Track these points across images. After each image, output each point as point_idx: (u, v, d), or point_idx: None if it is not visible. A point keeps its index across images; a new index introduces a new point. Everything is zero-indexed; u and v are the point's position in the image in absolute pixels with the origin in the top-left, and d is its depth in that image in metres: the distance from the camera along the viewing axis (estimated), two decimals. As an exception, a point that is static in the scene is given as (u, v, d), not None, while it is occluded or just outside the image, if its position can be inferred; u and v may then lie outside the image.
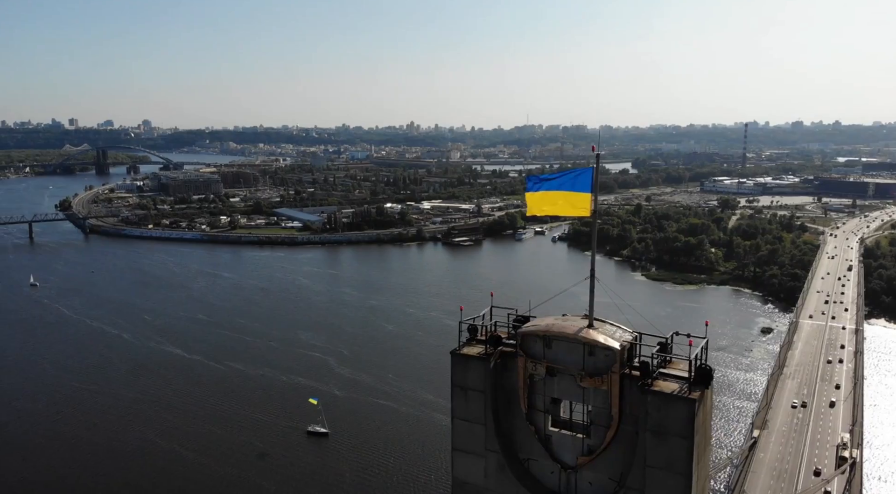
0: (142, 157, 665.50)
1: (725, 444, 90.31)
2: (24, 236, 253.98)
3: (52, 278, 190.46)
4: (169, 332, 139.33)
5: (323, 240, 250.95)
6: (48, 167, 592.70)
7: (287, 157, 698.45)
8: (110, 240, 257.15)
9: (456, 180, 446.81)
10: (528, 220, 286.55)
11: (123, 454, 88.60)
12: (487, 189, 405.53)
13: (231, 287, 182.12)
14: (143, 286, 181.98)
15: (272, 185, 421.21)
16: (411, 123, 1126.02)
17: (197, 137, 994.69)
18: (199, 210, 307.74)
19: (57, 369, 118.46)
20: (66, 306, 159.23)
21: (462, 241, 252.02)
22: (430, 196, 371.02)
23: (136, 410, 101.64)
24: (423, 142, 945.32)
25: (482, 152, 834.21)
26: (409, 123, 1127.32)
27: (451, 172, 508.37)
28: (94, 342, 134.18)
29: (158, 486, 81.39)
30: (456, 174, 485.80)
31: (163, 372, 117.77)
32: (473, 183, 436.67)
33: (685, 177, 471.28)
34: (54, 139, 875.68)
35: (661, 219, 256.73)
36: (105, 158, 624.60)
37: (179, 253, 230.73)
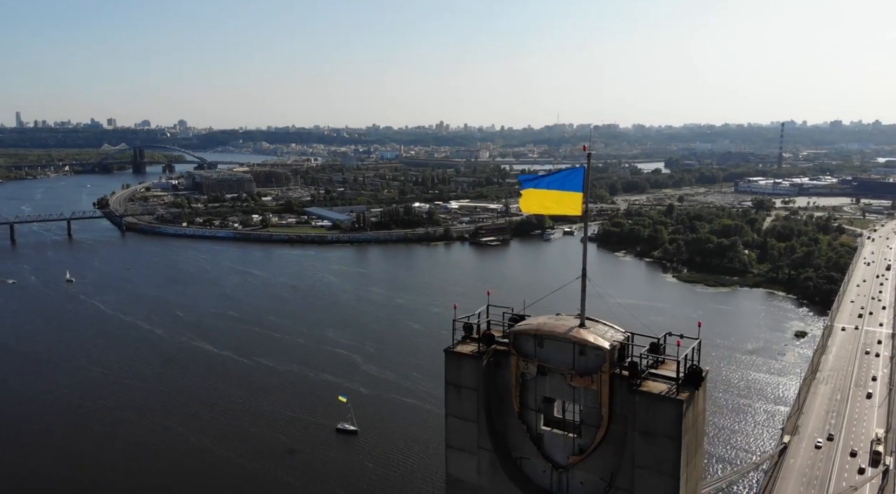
0: (177, 156, 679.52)
1: (753, 448, 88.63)
2: (63, 234, 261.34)
3: (89, 274, 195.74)
4: (200, 328, 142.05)
5: (352, 239, 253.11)
6: (87, 166, 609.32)
7: (318, 157, 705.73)
8: (146, 237, 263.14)
9: (484, 180, 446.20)
10: (556, 220, 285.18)
11: (153, 447, 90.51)
12: (516, 189, 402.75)
13: (261, 285, 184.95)
14: (177, 283, 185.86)
15: (303, 184, 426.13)
16: (440, 123, 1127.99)
17: (231, 136, 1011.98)
18: (232, 209, 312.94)
19: (91, 362, 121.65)
20: (101, 302, 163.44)
21: (489, 241, 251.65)
22: (458, 196, 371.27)
23: (167, 404, 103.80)
24: (452, 142, 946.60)
25: (511, 152, 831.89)
26: (439, 123, 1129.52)
27: (480, 171, 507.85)
28: (128, 337, 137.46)
29: (187, 480, 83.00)
30: (484, 174, 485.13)
31: (193, 367, 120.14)
32: (502, 183, 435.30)
33: (719, 177, 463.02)
34: (93, 139, 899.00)
35: (693, 220, 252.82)
36: (142, 157, 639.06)
37: (212, 251, 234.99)
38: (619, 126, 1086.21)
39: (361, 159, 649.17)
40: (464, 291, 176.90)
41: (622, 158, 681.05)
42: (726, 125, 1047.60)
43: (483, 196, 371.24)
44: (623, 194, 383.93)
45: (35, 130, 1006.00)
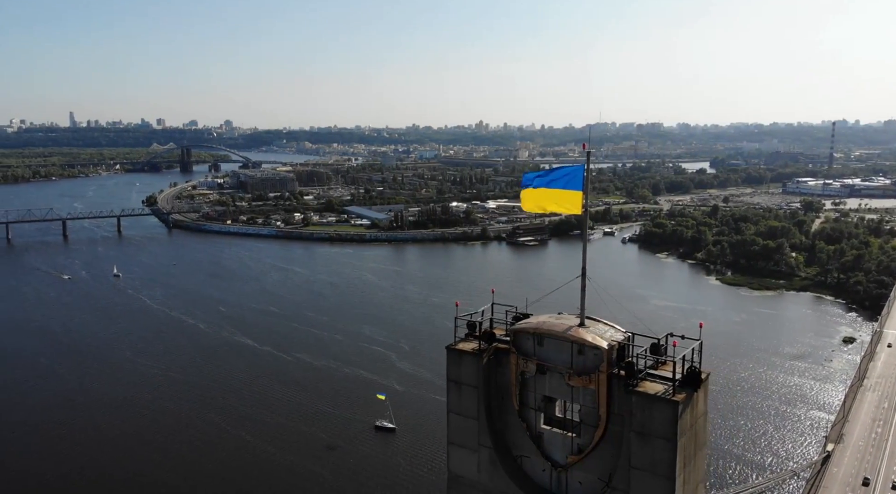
0: (223, 155, 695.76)
1: (793, 456, 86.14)
2: (113, 230, 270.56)
3: (136, 269, 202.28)
4: (242, 323, 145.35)
5: (389, 238, 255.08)
6: (136, 165, 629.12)
7: (359, 156, 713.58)
8: (191, 234, 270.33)
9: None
10: (597, 220, 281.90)
11: (193, 438, 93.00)
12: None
13: (301, 281, 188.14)
14: (220, 279, 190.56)
15: (344, 183, 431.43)
16: (480, 123, 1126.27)
17: (275, 136, 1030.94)
18: (275, 207, 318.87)
19: (136, 354, 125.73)
20: (147, 297, 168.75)
21: (527, 241, 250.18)
22: (495, 195, 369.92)
23: (207, 397, 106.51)
24: (492, 141, 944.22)
25: (551, 151, 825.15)
26: (478, 123, 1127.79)
27: (518, 171, 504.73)
28: (172, 331, 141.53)
29: (226, 471, 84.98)
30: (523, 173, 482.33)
31: (234, 361, 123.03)
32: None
33: (766, 177, 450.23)
34: (143, 138, 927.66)
35: (738, 221, 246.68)
36: (189, 156, 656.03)
37: (255, 248, 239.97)
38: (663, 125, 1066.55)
39: (401, 159, 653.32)
40: (499, 290, 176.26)
41: (666, 157, 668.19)
42: (775, 124, 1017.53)
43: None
44: (666, 195, 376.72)
45: (88, 129, 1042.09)
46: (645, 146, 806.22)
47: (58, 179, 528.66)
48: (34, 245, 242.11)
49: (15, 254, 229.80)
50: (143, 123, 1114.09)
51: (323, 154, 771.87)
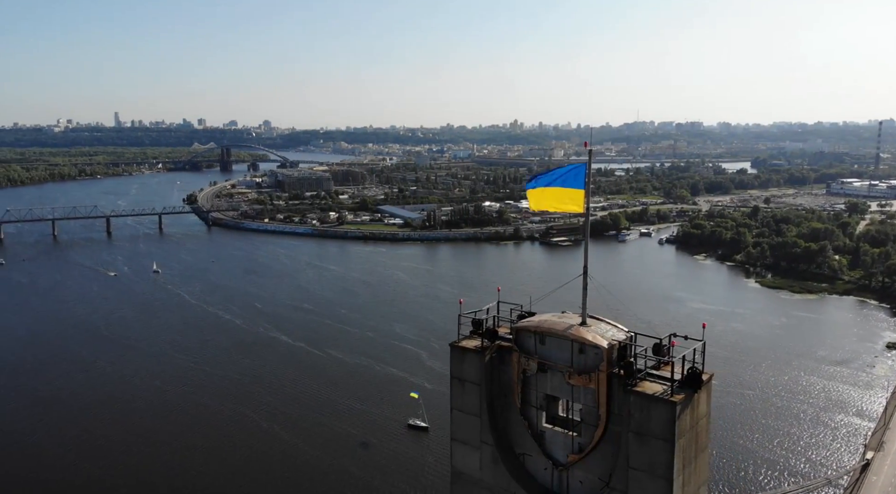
0: (261, 155, 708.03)
1: (829, 463, 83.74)
2: (155, 227, 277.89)
3: (176, 265, 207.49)
4: (276, 319, 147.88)
5: (422, 237, 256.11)
6: (178, 164, 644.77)
7: (393, 156, 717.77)
8: (230, 232, 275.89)
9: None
10: (633, 221, 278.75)
11: (225, 431, 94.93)
12: (591, 188, 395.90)
13: (335, 279, 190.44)
14: (256, 276, 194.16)
15: (378, 183, 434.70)
16: (514, 122, 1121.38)
17: (312, 136, 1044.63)
18: (311, 206, 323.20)
19: (174, 349, 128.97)
20: (186, 292, 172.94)
21: (561, 241, 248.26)
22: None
23: (242, 391, 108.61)
24: (527, 140, 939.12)
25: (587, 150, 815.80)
26: (513, 122, 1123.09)
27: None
28: (209, 326, 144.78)
29: (257, 464, 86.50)
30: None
31: (268, 356, 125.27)
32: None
33: (810, 178, 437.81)
34: (185, 138, 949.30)
35: (779, 223, 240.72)
36: (229, 155, 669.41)
37: (291, 246, 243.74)
38: (703, 124, 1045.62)
39: (434, 158, 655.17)
40: (531, 291, 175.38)
41: (706, 157, 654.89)
42: (819, 124, 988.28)
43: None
44: (705, 195, 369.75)
45: (132, 129, 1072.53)
46: (684, 146, 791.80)
47: (102, 177, 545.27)
48: (79, 241, 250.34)
49: (60, 250, 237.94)
50: (185, 123, 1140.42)
51: (358, 154, 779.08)
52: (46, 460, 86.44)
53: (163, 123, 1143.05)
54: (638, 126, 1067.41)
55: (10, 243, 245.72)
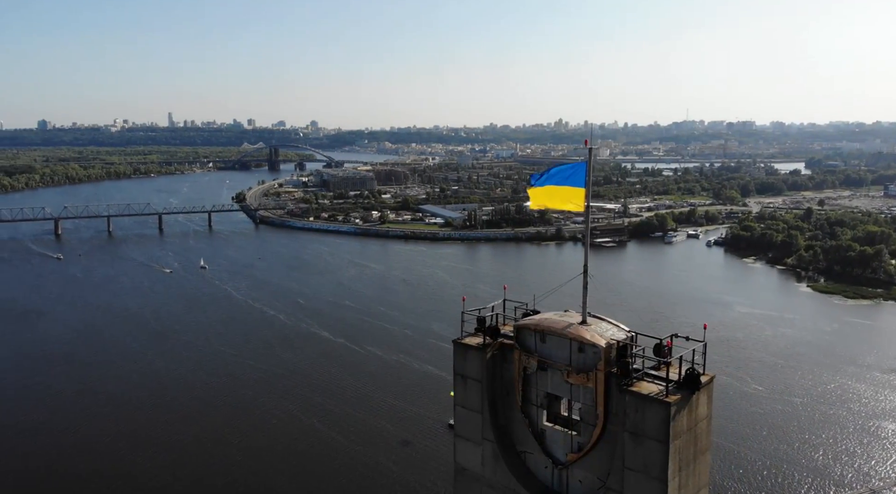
0: (308, 155, 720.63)
1: (876, 473, 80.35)
2: (204, 225, 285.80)
3: (223, 262, 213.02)
4: (318, 315, 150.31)
5: (462, 236, 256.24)
6: (228, 163, 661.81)
7: (436, 156, 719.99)
8: (276, 230, 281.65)
9: (602, 179, 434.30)
10: (680, 222, 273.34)
11: (266, 424, 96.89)
12: (637, 188, 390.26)
13: (376, 277, 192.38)
14: (300, 272, 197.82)
15: (420, 182, 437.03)
16: (559, 121, 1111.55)
17: (357, 137, 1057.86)
18: (354, 205, 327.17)
19: (220, 342, 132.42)
20: (232, 288, 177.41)
21: (604, 242, 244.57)
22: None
23: (284, 385, 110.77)
24: (571, 139, 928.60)
25: (634, 150, 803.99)
26: (557, 121, 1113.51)
27: (598, 170, 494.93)
28: (254, 321, 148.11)
29: (295, 457, 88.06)
30: (603, 172, 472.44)
31: (309, 352, 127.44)
32: (621, 182, 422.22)
33: (867, 179, 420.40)
34: (235, 138, 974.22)
35: (833, 225, 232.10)
36: (276, 155, 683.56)
37: (334, 244, 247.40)
38: (755, 123, 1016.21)
39: (477, 158, 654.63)
40: (572, 291, 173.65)
41: (757, 157, 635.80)
42: (878, 123, 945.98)
43: (600, 195, 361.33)
44: (756, 196, 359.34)
45: (184, 129, 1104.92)
46: (735, 145, 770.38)
47: (156, 175, 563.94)
48: (132, 237, 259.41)
49: (114, 245, 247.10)
50: (235, 123, 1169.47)
51: (402, 154, 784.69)
52: (94, 449, 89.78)
53: (214, 123, 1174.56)
54: (687, 125, 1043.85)
55: (67, 238, 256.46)
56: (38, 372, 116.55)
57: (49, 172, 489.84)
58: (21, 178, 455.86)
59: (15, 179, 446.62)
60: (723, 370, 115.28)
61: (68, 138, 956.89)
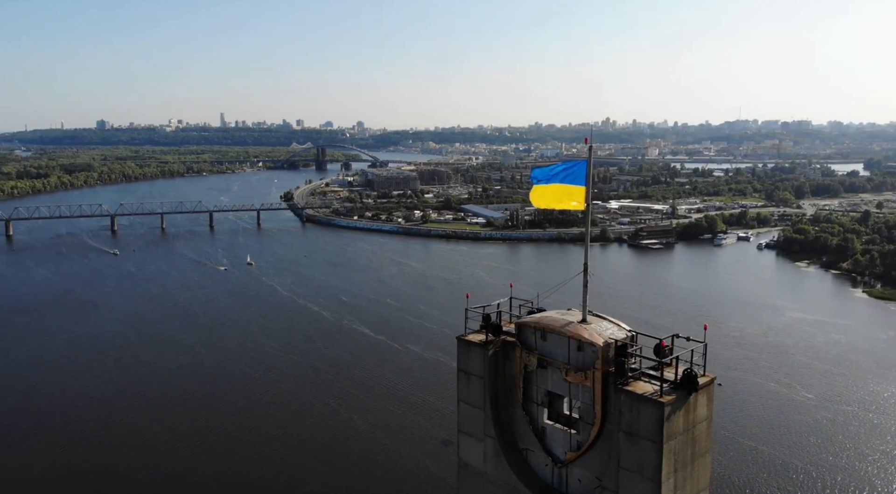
0: (354, 155, 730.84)
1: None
2: (253, 222, 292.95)
3: (270, 258, 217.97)
4: (360, 312, 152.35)
5: (504, 236, 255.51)
6: (277, 163, 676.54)
7: (479, 155, 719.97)
8: (322, 228, 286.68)
9: (650, 179, 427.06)
10: (731, 224, 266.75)
11: (307, 417, 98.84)
12: (686, 189, 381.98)
13: (416, 276, 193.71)
14: (344, 270, 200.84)
15: (463, 182, 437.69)
16: (606, 120, 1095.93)
17: (402, 137, 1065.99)
18: (397, 205, 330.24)
19: (264, 337, 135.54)
20: (278, 284, 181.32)
21: (651, 243, 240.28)
22: (618, 195, 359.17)
23: (325, 380, 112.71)
24: (619, 138, 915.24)
25: (684, 149, 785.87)
26: (604, 120, 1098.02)
27: (646, 170, 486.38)
28: (298, 316, 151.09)
29: (334, 451, 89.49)
30: (651, 173, 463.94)
31: (350, 348, 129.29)
32: (670, 182, 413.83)
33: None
34: (284, 138, 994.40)
35: (892, 229, 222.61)
36: (323, 155, 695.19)
37: (377, 242, 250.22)
38: (811, 123, 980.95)
39: (521, 158, 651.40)
40: (616, 293, 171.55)
41: (813, 157, 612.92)
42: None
43: (647, 196, 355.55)
44: (811, 198, 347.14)
45: (236, 129, 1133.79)
46: (790, 146, 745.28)
47: (207, 174, 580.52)
48: (184, 234, 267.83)
49: (167, 241, 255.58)
50: (284, 123, 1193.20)
51: (445, 154, 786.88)
52: (143, 439, 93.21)
53: (264, 123, 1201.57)
54: (739, 125, 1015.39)
55: (122, 234, 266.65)
56: (90, 362, 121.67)
57: (107, 171, 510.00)
58: (80, 176, 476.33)
59: (75, 177, 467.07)
60: (770, 376, 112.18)
61: (125, 138, 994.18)
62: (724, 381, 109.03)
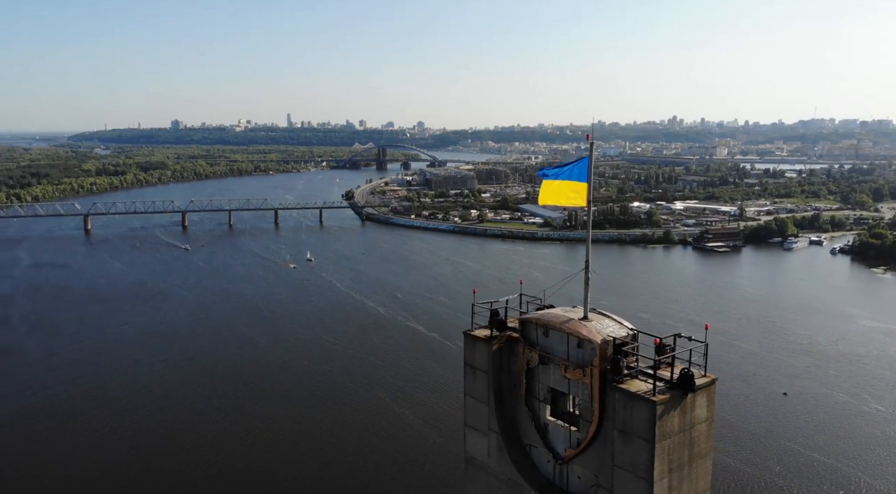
0: (413, 154, 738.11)
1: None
2: (315, 220, 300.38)
3: (330, 255, 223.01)
4: (414, 309, 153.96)
5: (561, 237, 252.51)
6: (340, 162, 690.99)
7: (539, 155, 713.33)
8: (381, 227, 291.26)
9: (718, 179, 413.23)
10: (802, 227, 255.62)
11: (360, 411, 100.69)
12: (756, 190, 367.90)
13: (471, 275, 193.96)
14: (400, 267, 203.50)
15: (520, 182, 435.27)
16: (673, 118, 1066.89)
17: (461, 136, 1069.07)
18: (454, 204, 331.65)
19: (324, 331, 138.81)
20: (337, 280, 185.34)
21: (717, 246, 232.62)
22: (684, 196, 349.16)
23: (378, 375, 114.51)
24: (686, 137, 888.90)
25: (755, 149, 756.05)
26: (671, 118, 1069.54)
27: (714, 170, 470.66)
28: (355, 312, 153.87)
29: (387, 446, 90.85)
30: (718, 173, 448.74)
31: (404, 344, 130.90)
32: (739, 183, 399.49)
33: None
34: (347, 138, 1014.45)
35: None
36: (384, 155, 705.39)
37: (433, 241, 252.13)
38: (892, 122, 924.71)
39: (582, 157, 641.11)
40: (677, 297, 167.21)
41: (894, 159, 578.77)
42: None
43: (714, 197, 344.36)
44: (890, 201, 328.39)
45: (301, 129, 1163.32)
46: (869, 146, 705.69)
47: (274, 173, 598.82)
48: (250, 230, 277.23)
49: (234, 237, 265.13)
50: (348, 124, 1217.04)
51: (504, 153, 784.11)
52: (204, 428, 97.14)
53: (328, 123, 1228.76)
54: (815, 124, 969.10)
55: (192, 229, 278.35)
56: (158, 351, 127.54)
57: (179, 169, 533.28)
58: (154, 173, 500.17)
59: (149, 175, 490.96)
60: (839, 386, 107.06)
61: (197, 137, 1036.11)
62: (790, 390, 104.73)
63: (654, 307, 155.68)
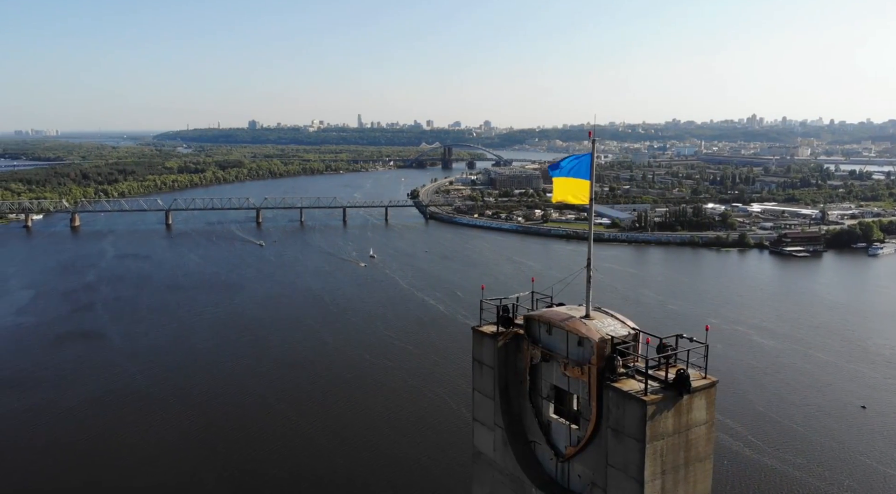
0: (479, 154, 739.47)
1: None
2: (381, 218, 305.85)
3: (393, 252, 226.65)
4: (473, 307, 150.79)
5: (629, 238, 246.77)
6: (406, 162, 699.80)
7: (609, 153, 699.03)
8: (444, 225, 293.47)
9: (799, 181, 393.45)
10: (889, 233, 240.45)
11: (420, 406, 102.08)
12: (839, 193, 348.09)
13: (532, 275, 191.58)
14: (461, 266, 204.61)
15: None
16: (752, 116, 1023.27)
17: (527, 135, 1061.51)
18: (518, 203, 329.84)
19: (384, 326, 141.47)
20: (399, 277, 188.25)
21: (795, 251, 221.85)
22: (762, 198, 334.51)
23: (435, 371, 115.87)
24: (766, 137, 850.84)
25: (841, 150, 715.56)
26: (750, 116, 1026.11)
27: (795, 171, 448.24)
28: (416, 309, 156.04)
29: (438, 438, 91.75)
30: (800, 174, 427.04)
31: (462, 342, 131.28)
32: (821, 185, 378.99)
33: None
34: (414, 138, 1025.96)
35: None
36: (450, 154, 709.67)
37: (495, 241, 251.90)
38: None
39: (654, 156, 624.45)
40: (751, 303, 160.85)
41: None
42: None
43: (794, 199, 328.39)
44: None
45: (371, 130, 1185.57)
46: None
47: (344, 172, 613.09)
48: (319, 227, 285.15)
49: (305, 234, 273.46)
50: (415, 124, 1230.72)
51: (572, 152, 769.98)
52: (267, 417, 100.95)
53: (397, 124, 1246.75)
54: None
55: (266, 225, 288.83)
56: (229, 339, 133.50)
57: (255, 167, 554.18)
58: (232, 171, 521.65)
59: (227, 173, 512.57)
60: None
61: (273, 137, 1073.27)
62: (869, 403, 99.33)
63: (724, 312, 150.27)
